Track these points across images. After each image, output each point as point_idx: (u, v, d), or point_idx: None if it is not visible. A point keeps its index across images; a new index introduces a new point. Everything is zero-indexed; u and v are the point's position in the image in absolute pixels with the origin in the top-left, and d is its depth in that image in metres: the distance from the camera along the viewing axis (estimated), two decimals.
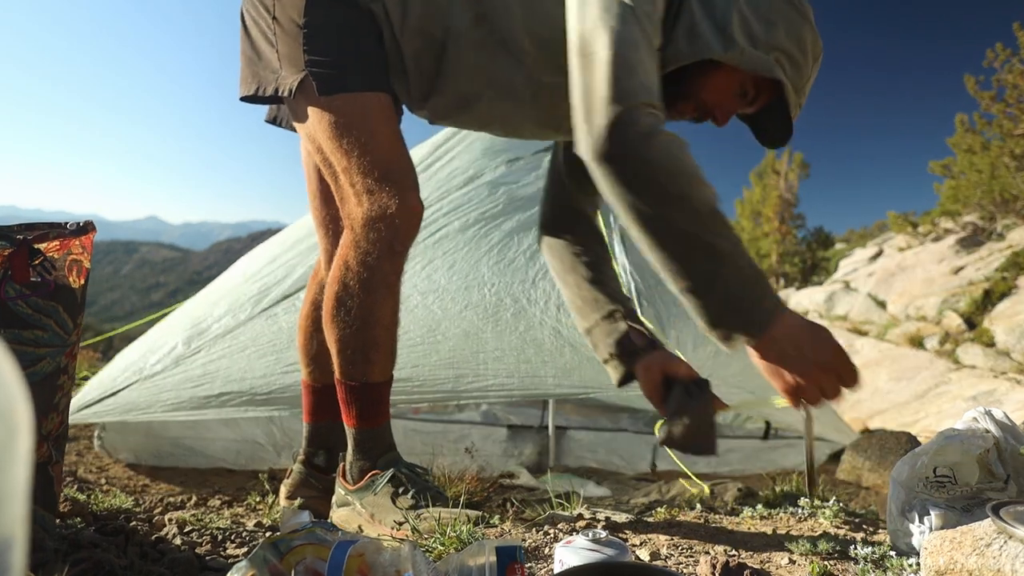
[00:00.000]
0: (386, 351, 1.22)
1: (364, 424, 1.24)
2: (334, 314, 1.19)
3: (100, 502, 1.29)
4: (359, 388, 1.21)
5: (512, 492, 2.00)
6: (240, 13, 1.29)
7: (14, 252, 0.84)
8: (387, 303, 1.20)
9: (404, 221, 1.15)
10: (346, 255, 1.17)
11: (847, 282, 9.36)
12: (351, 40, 1.19)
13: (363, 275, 1.16)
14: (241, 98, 1.27)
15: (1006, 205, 8.70)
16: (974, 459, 1.05)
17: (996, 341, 4.31)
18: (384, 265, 1.16)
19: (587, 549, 0.81)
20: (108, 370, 2.16)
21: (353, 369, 1.20)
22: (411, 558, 0.67)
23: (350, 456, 1.27)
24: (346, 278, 1.17)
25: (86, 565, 0.82)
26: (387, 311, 1.20)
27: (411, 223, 1.17)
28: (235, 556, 0.98)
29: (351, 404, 1.22)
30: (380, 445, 1.26)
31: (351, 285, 1.17)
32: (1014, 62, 8.27)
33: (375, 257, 1.15)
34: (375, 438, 1.25)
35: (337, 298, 1.19)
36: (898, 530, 1.07)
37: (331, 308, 1.20)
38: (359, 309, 1.17)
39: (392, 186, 1.15)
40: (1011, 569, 0.72)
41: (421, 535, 1.08)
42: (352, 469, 1.26)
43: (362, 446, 1.25)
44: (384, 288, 1.18)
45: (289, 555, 0.66)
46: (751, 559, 1.06)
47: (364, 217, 1.14)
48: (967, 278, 5.81)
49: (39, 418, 0.85)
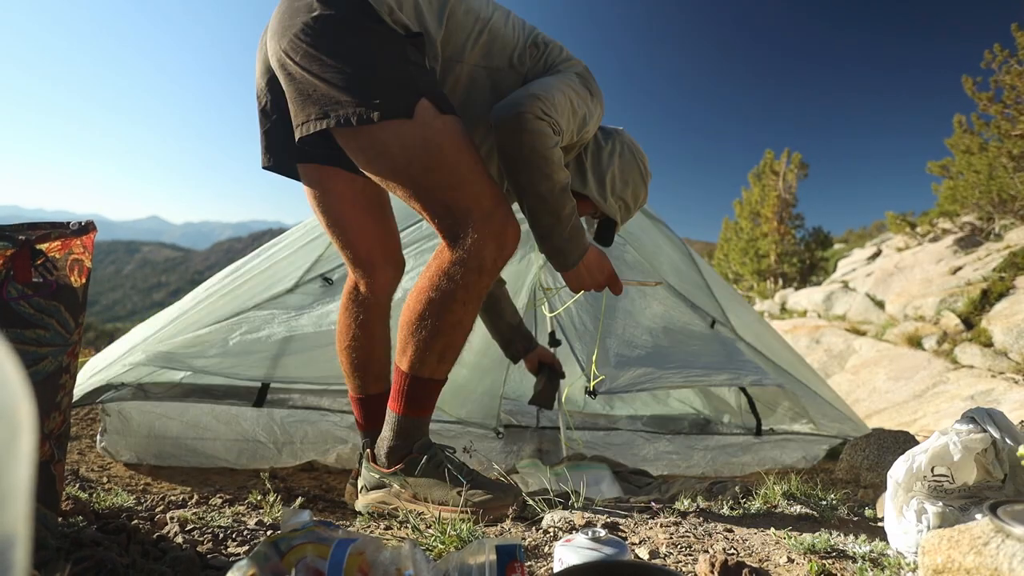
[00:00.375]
0: (457, 353, 1.36)
1: (414, 412, 1.37)
2: (423, 316, 1.30)
3: (102, 500, 1.29)
4: (423, 382, 1.34)
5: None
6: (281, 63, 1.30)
7: (16, 252, 0.84)
8: (474, 312, 1.33)
9: (511, 242, 1.29)
10: (448, 269, 1.26)
11: (846, 282, 9.37)
12: (432, 75, 1.35)
13: (464, 288, 1.26)
14: (301, 138, 1.28)
15: (1004, 205, 8.71)
16: (972, 458, 1.05)
17: (994, 341, 4.32)
18: (485, 280, 1.28)
19: (587, 548, 0.81)
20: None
21: (425, 366, 1.32)
22: (411, 556, 0.67)
23: (387, 440, 1.40)
24: (446, 288, 1.27)
25: (88, 563, 0.82)
26: (471, 319, 1.33)
27: (515, 244, 1.31)
28: (236, 554, 0.99)
29: (408, 394, 1.35)
30: (420, 433, 1.39)
31: (450, 295, 1.27)
32: (1012, 63, 8.27)
33: (479, 273, 1.26)
34: (419, 426, 1.39)
35: (430, 303, 1.29)
36: (896, 529, 1.07)
37: (420, 311, 1.30)
38: (451, 316, 1.28)
39: (503, 210, 1.28)
40: (1008, 568, 0.72)
41: (476, 510, 1.23)
42: (389, 454, 1.39)
43: (404, 432, 1.38)
44: (477, 300, 1.31)
45: (290, 554, 0.66)
46: (750, 558, 1.06)
47: (476, 238, 1.24)
48: (965, 278, 5.81)
49: (41, 417, 0.85)
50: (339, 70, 1.23)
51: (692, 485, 2.00)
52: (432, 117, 1.24)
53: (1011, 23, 8.35)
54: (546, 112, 1.30)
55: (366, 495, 1.44)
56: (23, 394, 0.24)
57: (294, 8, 1.28)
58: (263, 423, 2.25)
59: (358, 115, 1.20)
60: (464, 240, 1.24)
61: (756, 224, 16.79)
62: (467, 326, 1.33)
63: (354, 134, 1.25)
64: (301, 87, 1.26)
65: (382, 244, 1.55)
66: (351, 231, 1.51)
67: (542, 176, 1.32)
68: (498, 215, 1.26)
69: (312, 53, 1.24)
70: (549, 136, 1.31)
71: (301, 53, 1.25)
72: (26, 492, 0.24)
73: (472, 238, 1.23)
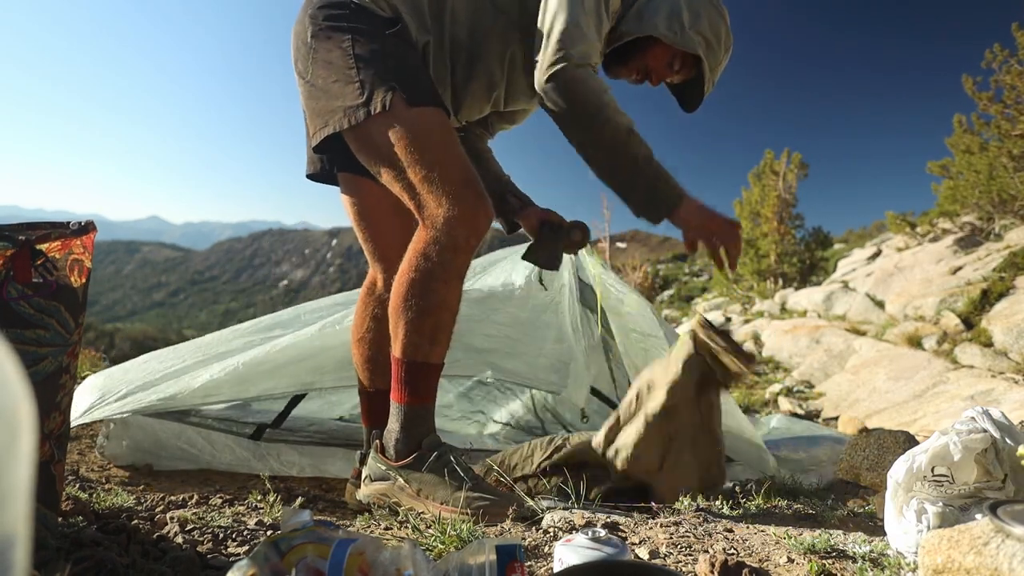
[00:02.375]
0: (448, 335, 1.38)
1: (415, 400, 1.38)
2: (407, 298, 1.33)
3: (102, 501, 1.29)
4: (419, 366, 1.36)
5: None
6: (298, 83, 1.48)
7: (16, 253, 0.84)
8: (457, 291, 1.36)
9: (483, 221, 1.33)
10: (424, 249, 1.32)
11: (845, 282, 9.37)
12: (417, 65, 1.42)
13: (441, 266, 1.31)
14: (316, 145, 1.44)
15: (1004, 205, 8.70)
16: (972, 458, 1.05)
17: (994, 341, 4.32)
18: (461, 258, 1.33)
19: (587, 548, 0.81)
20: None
21: (418, 349, 1.34)
22: (411, 556, 0.67)
23: (394, 432, 1.40)
24: (424, 267, 1.32)
25: (88, 563, 0.82)
26: (456, 299, 1.37)
27: (486, 224, 1.35)
28: (236, 554, 0.99)
29: (407, 381, 1.36)
30: (425, 424, 1.40)
31: (429, 274, 1.32)
32: (1012, 63, 8.26)
33: (454, 251, 1.30)
34: (423, 415, 1.39)
35: (411, 284, 1.33)
36: (896, 529, 1.07)
37: (404, 293, 1.34)
38: (434, 295, 1.32)
39: (473, 191, 1.33)
40: (1008, 568, 0.72)
41: (475, 513, 1.22)
42: (396, 445, 1.39)
43: (410, 423, 1.38)
44: (457, 279, 1.35)
45: (290, 553, 0.66)
46: (750, 558, 1.06)
47: (446, 216, 1.30)
48: (965, 278, 5.81)
49: (41, 417, 0.85)
50: (334, 80, 1.38)
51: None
52: (403, 108, 1.33)
53: (1011, 23, 8.36)
54: (573, 52, 1.31)
55: (369, 485, 1.44)
56: (23, 394, 0.24)
57: (296, 31, 1.46)
58: (259, 454, 2.21)
59: (348, 118, 1.34)
60: (437, 220, 1.31)
61: (756, 224, 16.78)
62: (452, 306, 1.37)
63: (352, 135, 1.38)
64: (309, 103, 1.43)
65: (403, 241, 1.59)
66: (376, 228, 1.63)
67: (603, 124, 1.32)
68: (469, 194, 1.32)
69: (313, 69, 1.40)
70: (590, 80, 1.32)
71: (309, 72, 1.42)
72: (26, 492, 0.24)
73: (444, 218, 1.30)
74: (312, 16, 1.42)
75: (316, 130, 1.41)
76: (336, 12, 1.40)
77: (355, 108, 1.33)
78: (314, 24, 1.41)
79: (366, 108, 1.32)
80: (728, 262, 1.42)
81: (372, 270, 1.68)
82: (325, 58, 1.39)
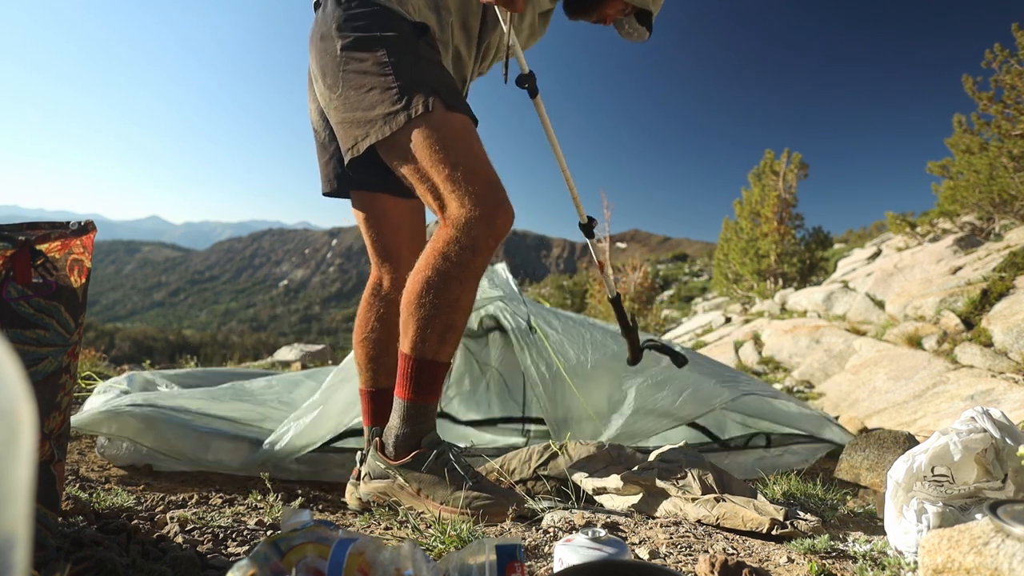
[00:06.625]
0: (458, 336, 1.39)
1: (419, 398, 1.38)
2: (421, 295, 1.34)
3: (102, 500, 1.29)
4: (427, 364, 1.36)
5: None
6: (326, 100, 1.49)
7: (16, 253, 0.84)
8: (472, 293, 1.37)
9: (504, 223, 1.34)
10: (444, 248, 1.33)
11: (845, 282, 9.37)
12: (448, 71, 1.47)
13: (460, 266, 1.32)
14: (350, 160, 1.44)
15: (1004, 205, 8.70)
16: (972, 458, 1.05)
17: (994, 341, 4.32)
18: (479, 259, 1.33)
19: (587, 548, 0.81)
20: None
21: (427, 347, 1.35)
22: (411, 556, 0.67)
23: (395, 428, 1.40)
24: (442, 267, 1.33)
25: (88, 563, 0.82)
26: (470, 300, 1.37)
27: (507, 226, 1.36)
28: (236, 554, 0.99)
29: (413, 378, 1.37)
30: (426, 422, 1.40)
31: (446, 273, 1.32)
32: (1012, 63, 8.26)
33: (473, 252, 1.32)
34: (425, 414, 1.40)
35: (428, 281, 1.33)
36: (896, 529, 1.07)
37: (419, 291, 1.34)
38: (449, 294, 1.33)
39: (496, 193, 1.34)
40: (1008, 567, 0.72)
41: (475, 513, 1.23)
42: (396, 442, 1.40)
43: (411, 420, 1.39)
44: (474, 280, 1.35)
45: (290, 553, 0.66)
46: (750, 558, 1.06)
47: (468, 217, 1.31)
48: (965, 278, 5.81)
49: (41, 417, 0.85)
50: (369, 88, 1.38)
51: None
52: (441, 111, 1.35)
53: (1011, 23, 8.35)
54: None
55: (369, 483, 1.44)
56: (23, 394, 0.24)
57: (320, 48, 1.47)
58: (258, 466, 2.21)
59: (388, 125, 1.35)
60: (459, 220, 1.32)
61: (756, 224, 16.77)
62: (466, 306, 1.38)
63: (386, 145, 1.39)
64: (344, 115, 1.42)
65: (409, 241, 1.65)
66: (386, 233, 1.65)
67: None
68: (491, 196, 1.33)
69: (344, 81, 1.41)
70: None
71: (340, 85, 1.42)
72: (26, 492, 0.24)
73: (466, 218, 1.31)
74: (339, 28, 1.43)
75: (356, 142, 1.41)
76: (363, 22, 1.41)
77: (394, 114, 1.35)
78: (342, 37, 1.42)
79: (406, 112, 1.33)
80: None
81: (377, 272, 1.69)
82: (358, 68, 1.40)
